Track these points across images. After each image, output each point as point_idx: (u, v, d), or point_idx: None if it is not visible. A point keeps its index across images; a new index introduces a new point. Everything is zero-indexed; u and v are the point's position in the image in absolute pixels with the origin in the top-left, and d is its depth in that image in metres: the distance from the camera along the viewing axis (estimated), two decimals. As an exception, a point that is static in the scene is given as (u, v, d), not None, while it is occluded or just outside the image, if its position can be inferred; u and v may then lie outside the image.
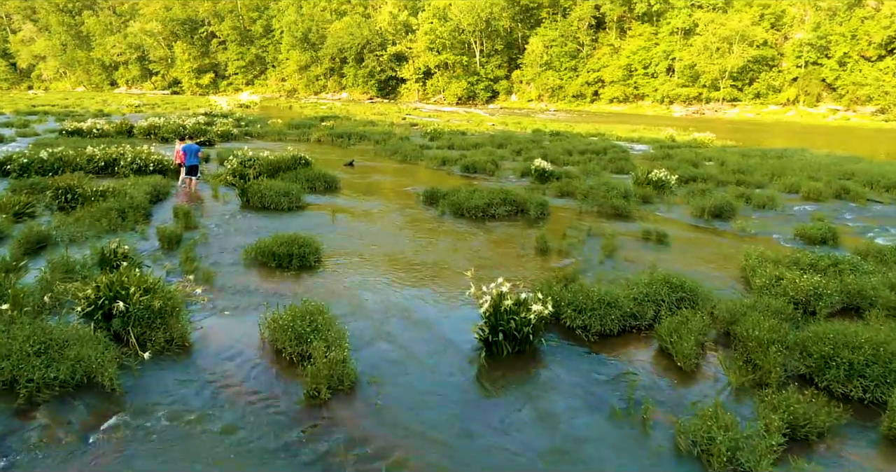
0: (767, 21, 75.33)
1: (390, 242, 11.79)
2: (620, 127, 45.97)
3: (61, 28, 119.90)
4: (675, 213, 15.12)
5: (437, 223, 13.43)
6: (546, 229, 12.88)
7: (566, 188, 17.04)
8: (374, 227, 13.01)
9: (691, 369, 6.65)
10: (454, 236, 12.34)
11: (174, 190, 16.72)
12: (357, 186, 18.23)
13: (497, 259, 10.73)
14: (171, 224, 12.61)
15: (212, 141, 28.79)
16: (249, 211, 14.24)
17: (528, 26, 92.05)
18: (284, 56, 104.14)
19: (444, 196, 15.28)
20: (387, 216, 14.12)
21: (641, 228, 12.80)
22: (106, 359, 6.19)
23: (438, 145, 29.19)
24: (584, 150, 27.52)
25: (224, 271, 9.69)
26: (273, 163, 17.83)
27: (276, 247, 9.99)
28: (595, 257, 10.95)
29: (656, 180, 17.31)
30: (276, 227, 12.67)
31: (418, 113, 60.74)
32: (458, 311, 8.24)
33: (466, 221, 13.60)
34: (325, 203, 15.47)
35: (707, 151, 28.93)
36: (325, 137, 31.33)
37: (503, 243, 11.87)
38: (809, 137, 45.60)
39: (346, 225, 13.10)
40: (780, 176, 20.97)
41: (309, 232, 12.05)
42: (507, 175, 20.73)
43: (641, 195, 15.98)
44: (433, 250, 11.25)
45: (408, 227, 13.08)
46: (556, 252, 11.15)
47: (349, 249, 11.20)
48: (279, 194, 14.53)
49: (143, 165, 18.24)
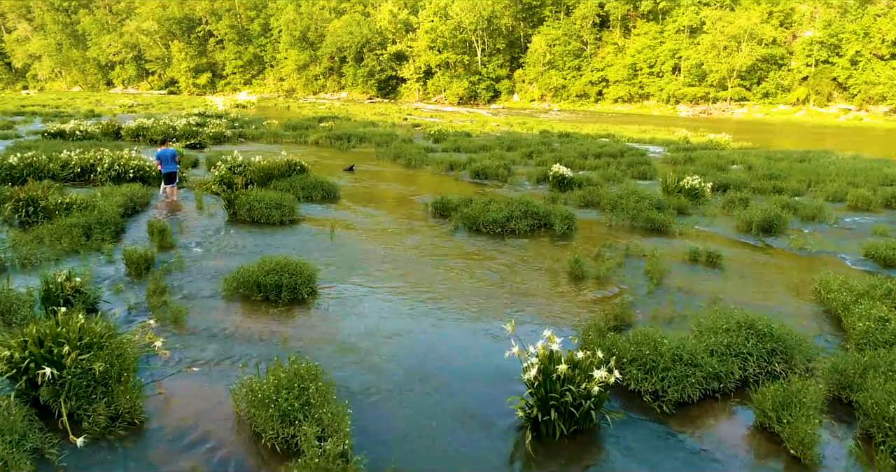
0: (776, 19, 73.62)
1: (397, 266, 10.10)
2: (629, 127, 44.33)
3: (56, 27, 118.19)
4: (717, 226, 13.42)
5: (450, 241, 11.74)
6: (576, 248, 11.21)
7: (590, 197, 15.34)
8: (377, 246, 11.32)
9: (811, 460, 4.96)
10: (472, 257, 10.65)
11: (155, 200, 15.04)
12: (358, 195, 16.55)
13: (526, 288, 9.04)
14: (145, 243, 10.93)
15: (203, 144, 27.10)
16: (237, 225, 12.55)
17: (530, 25, 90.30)
18: (283, 55, 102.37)
19: (455, 208, 13.60)
20: (392, 232, 12.42)
21: (686, 247, 11.12)
22: (20, 451, 4.52)
23: (444, 148, 27.50)
24: (600, 153, 25.82)
25: (199, 307, 8.00)
26: (265, 169, 16.13)
27: (261, 276, 8.31)
28: (641, 284, 9.26)
29: (689, 189, 15.61)
30: (265, 246, 10.98)
31: (420, 113, 59.04)
32: (491, 368, 6.53)
33: (483, 238, 11.91)
34: (323, 216, 13.78)
35: (728, 154, 27.25)
36: (324, 140, 29.64)
37: (530, 266, 10.18)
38: (824, 138, 43.94)
39: (345, 244, 11.40)
40: (817, 182, 19.30)
41: (302, 253, 10.38)
42: (522, 181, 19.04)
43: (675, 206, 14.28)
44: (450, 277, 9.55)
45: (417, 246, 11.39)
46: (593, 279, 9.46)
47: (349, 276, 9.50)
48: (270, 206, 12.84)
49: (122, 171, 16.53)
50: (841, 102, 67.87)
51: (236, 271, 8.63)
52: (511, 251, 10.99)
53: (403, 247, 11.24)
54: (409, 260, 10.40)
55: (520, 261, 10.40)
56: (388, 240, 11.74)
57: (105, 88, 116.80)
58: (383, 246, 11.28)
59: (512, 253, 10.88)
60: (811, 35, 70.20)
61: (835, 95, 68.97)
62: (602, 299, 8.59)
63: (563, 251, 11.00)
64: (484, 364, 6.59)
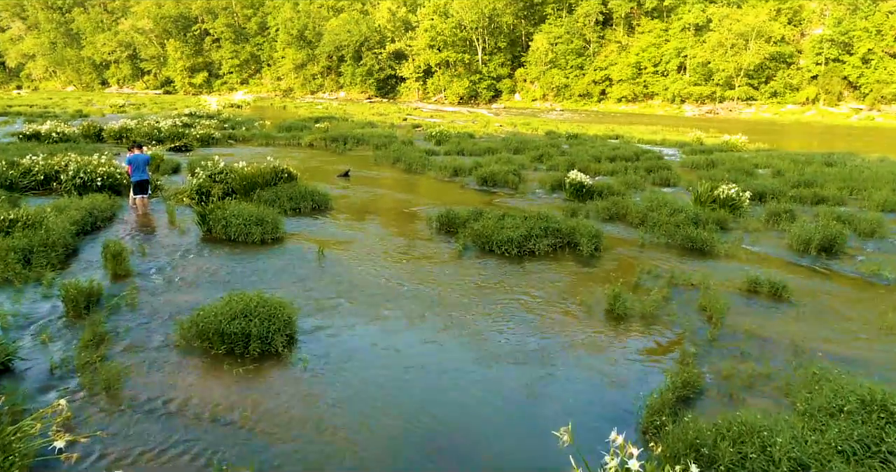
0: (784, 16, 71.84)
1: (396, 302, 8.34)
2: (636, 128, 42.56)
3: (50, 26, 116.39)
4: (766, 245, 11.66)
5: (458, 265, 9.97)
6: (609, 274, 9.45)
7: (615, 209, 13.57)
8: (372, 273, 9.55)
9: None
10: (486, 288, 8.89)
11: (124, 213, 13.28)
12: (353, 206, 14.78)
13: (560, 335, 7.28)
14: (97, 270, 9.17)
15: (189, 146, 25.33)
16: (211, 245, 10.79)
17: (532, 23, 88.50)
18: (280, 54, 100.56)
19: (464, 223, 11.83)
20: (390, 255, 10.64)
21: (739, 273, 9.36)
22: None
23: (446, 151, 25.74)
24: (613, 156, 24.07)
25: (143, 365, 6.24)
26: (248, 177, 14.36)
27: (225, 321, 6.54)
28: (699, 325, 7.51)
29: (725, 199, 13.85)
30: (240, 273, 9.22)
31: (420, 113, 57.25)
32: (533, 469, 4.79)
33: (498, 261, 10.15)
34: (311, 232, 12.01)
35: (750, 157, 25.50)
36: (319, 141, 27.87)
37: (559, 300, 8.42)
38: (839, 139, 42.21)
39: (335, 269, 9.63)
40: (857, 189, 17.56)
41: (283, 284, 8.62)
42: (534, 189, 17.26)
43: (714, 220, 12.51)
44: (461, 321, 7.78)
45: (419, 273, 9.61)
46: (639, 318, 7.71)
47: (337, 317, 7.74)
48: (250, 222, 11.07)
49: (89, 179, 14.75)
50: (852, 101, 66.13)
51: (195, 313, 6.86)
52: (533, 280, 9.22)
53: (403, 274, 9.47)
54: (410, 294, 8.63)
55: (545, 294, 8.64)
56: (385, 265, 9.97)
57: (100, 88, 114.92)
58: (379, 273, 9.52)
59: (534, 282, 9.11)
60: (821, 33, 68.45)
61: (845, 94, 67.23)
62: (656, 350, 6.84)
63: (596, 280, 9.24)
64: (519, 462, 4.83)
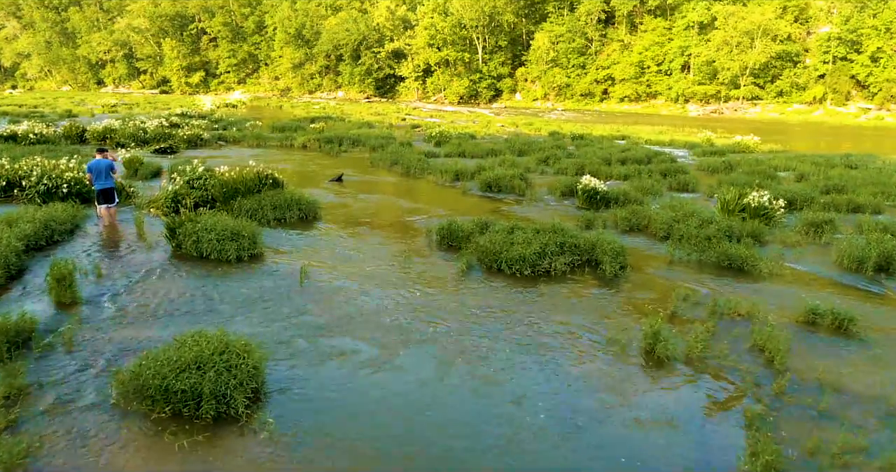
0: (791, 14, 70.44)
1: (385, 341, 6.97)
2: (642, 128, 41.19)
3: (45, 24, 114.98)
4: (811, 262, 10.27)
5: (463, 290, 8.60)
6: (638, 300, 8.09)
7: (635, 219, 12.20)
8: (362, 300, 8.18)
9: None
10: (496, 320, 7.52)
11: (91, 223, 11.92)
12: (344, 215, 13.41)
13: (594, 391, 5.92)
14: (39, 298, 7.81)
15: (174, 148, 23.94)
16: (179, 264, 9.43)
17: (533, 21, 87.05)
18: (277, 54, 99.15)
19: (468, 237, 10.47)
20: (383, 276, 9.26)
21: (789, 299, 8.01)
22: None
23: (446, 152, 24.36)
24: (624, 158, 22.70)
25: (62, 435, 4.88)
26: (229, 184, 12.98)
27: (172, 375, 5.17)
28: (758, 372, 6.14)
29: (756, 207, 12.49)
30: (207, 300, 7.84)
31: (419, 113, 55.84)
32: None
33: (507, 283, 8.78)
34: (295, 247, 10.63)
35: (767, 159, 24.14)
36: (312, 143, 26.47)
37: (585, 337, 7.05)
38: (849, 139, 40.93)
39: (318, 295, 8.26)
40: (892, 195, 16.21)
41: (254, 317, 7.25)
42: (543, 195, 15.87)
43: (749, 232, 11.14)
44: (466, 366, 6.42)
45: (417, 301, 8.24)
46: (684, 363, 6.35)
47: (316, 365, 6.38)
48: (224, 238, 9.69)
49: (55, 186, 13.39)
50: (860, 100, 64.75)
51: (138, 362, 5.49)
52: (551, 309, 7.85)
53: (398, 303, 8.09)
54: (404, 328, 7.25)
55: (567, 328, 7.27)
56: (376, 290, 8.60)
57: (96, 88, 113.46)
58: (370, 300, 8.15)
59: (553, 312, 7.74)
60: (828, 31, 67.06)
61: (853, 93, 65.86)
62: (713, 409, 5.47)
63: (624, 308, 7.87)
64: None
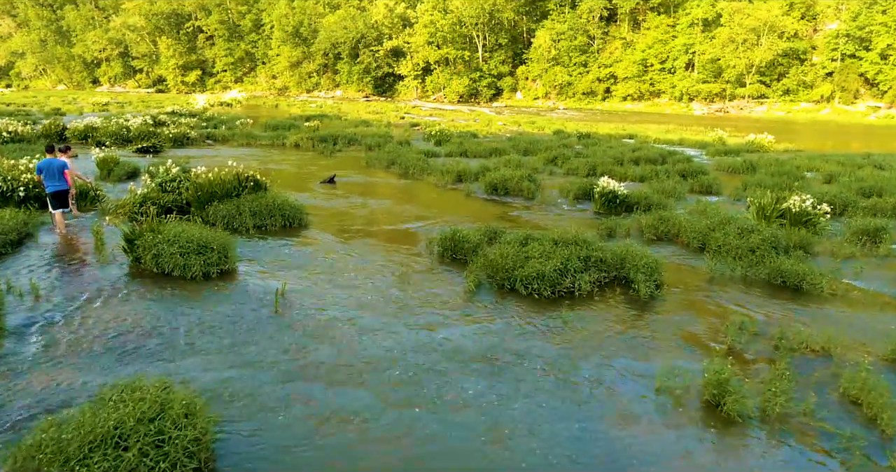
0: (798, 11, 69.02)
1: (380, 391, 5.55)
2: (648, 127, 39.74)
3: (40, 22, 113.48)
4: (874, 279, 8.82)
5: (471, 316, 7.17)
6: (684, 329, 6.67)
7: (663, 227, 10.78)
8: (347, 332, 6.75)
9: None
10: (515, 359, 6.09)
11: (44, 234, 10.49)
12: (334, 222, 11.99)
13: (646, 463, 4.51)
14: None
15: (158, 147, 22.49)
16: (136, 282, 8.00)
17: (533, 19, 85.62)
18: (275, 52, 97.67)
19: (474, 249, 9.04)
20: (375, 299, 7.82)
21: (871, 330, 6.59)
22: None
23: (447, 152, 22.93)
24: (636, 158, 21.29)
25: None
26: (204, 187, 11.54)
27: (77, 459, 3.74)
28: (860, 434, 4.74)
29: (798, 213, 11.07)
30: (154, 335, 6.41)
31: (418, 112, 54.39)
32: None
33: (523, 307, 7.36)
34: (274, 261, 9.19)
35: (787, 158, 22.71)
36: (305, 142, 25.02)
37: (627, 382, 5.63)
38: (860, 138, 39.56)
39: (294, 327, 6.81)
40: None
41: (209, 358, 5.82)
42: (554, 198, 14.42)
43: (797, 243, 9.72)
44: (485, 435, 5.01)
45: (415, 332, 6.82)
46: (758, 420, 4.93)
47: (280, 430, 4.96)
48: (189, 251, 8.27)
49: (10, 188, 11.96)
50: (869, 99, 63.35)
51: (37, 435, 4.06)
52: (582, 344, 6.41)
53: (391, 335, 6.65)
54: (396, 376, 5.83)
55: (603, 371, 5.83)
56: (368, 317, 7.15)
57: (91, 87, 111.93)
58: (357, 332, 6.71)
59: (583, 347, 6.30)
60: (836, 28, 65.68)
61: (862, 91, 64.46)
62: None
63: (669, 340, 6.44)
64: None
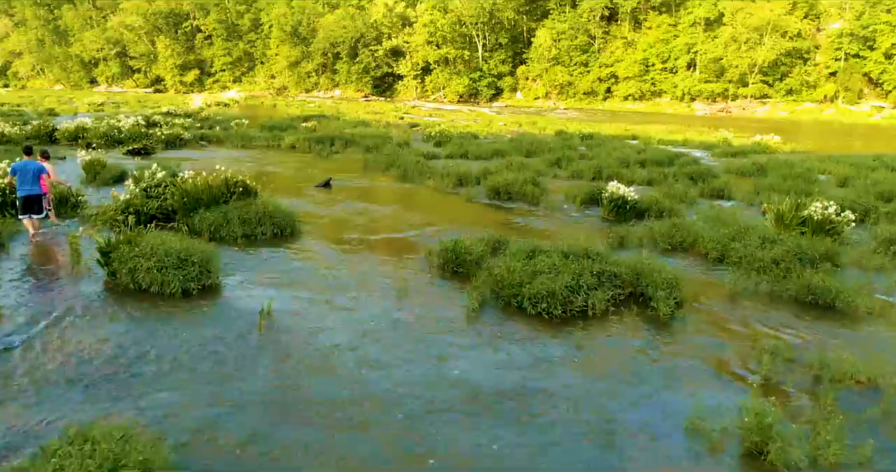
0: (801, 10, 68.32)
1: (372, 438, 4.89)
2: (651, 127, 39.00)
3: (38, 22, 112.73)
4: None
5: (475, 340, 6.51)
6: (711, 355, 6.01)
7: (677, 235, 10.12)
8: (339, 362, 6.10)
9: None
10: (524, 392, 5.43)
11: (17, 243, 9.84)
12: (328, 230, 11.33)
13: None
14: None
15: (149, 149, 21.80)
16: (110, 300, 7.34)
17: (534, 18, 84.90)
18: (273, 52, 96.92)
19: (477, 261, 8.39)
20: (371, 322, 7.13)
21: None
22: None
23: (448, 154, 22.27)
24: (643, 160, 20.63)
25: None
26: (190, 193, 10.88)
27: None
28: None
29: (821, 221, 10.42)
30: (120, 366, 5.74)
31: (418, 112, 53.71)
32: None
33: (532, 329, 6.69)
34: (262, 274, 8.51)
35: (797, 160, 22.04)
36: (302, 143, 24.35)
37: (651, 423, 4.98)
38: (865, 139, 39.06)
39: (279, 356, 6.16)
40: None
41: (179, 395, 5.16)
42: (560, 204, 13.74)
43: (823, 255, 9.07)
44: None
45: (414, 360, 6.16)
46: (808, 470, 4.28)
47: None
48: (167, 265, 7.60)
49: (-15, 194, 11.33)
50: (873, 99, 62.70)
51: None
52: (598, 371, 5.75)
53: (394, 366, 6.00)
54: (404, 421, 5.18)
55: (629, 409, 5.19)
56: (363, 342, 6.49)
57: (89, 87, 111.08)
58: (357, 363, 6.06)
59: (601, 376, 5.65)
60: (839, 27, 65.03)
61: (866, 91, 63.81)
62: None
63: (697, 372, 5.79)
64: None
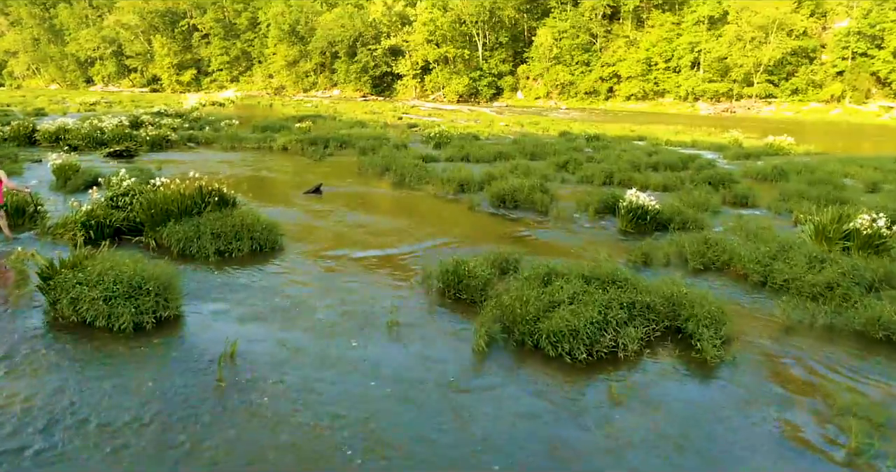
0: (807, 8, 67.12)
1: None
2: (656, 128, 37.77)
3: (33, 21, 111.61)
4: None
5: (492, 398, 5.32)
6: (777, 412, 4.81)
7: (709, 253, 8.91)
8: (324, 437, 4.91)
9: None
10: None
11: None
12: (314, 245, 10.12)
13: None
14: None
15: (133, 151, 20.59)
16: (47, 338, 6.13)
17: (535, 17, 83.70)
18: (271, 51, 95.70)
19: (482, 287, 7.19)
20: (359, 371, 5.96)
21: None
22: None
23: (448, 156, 21.06)
24: (655, 163, 19.45)
25: None
26: (158, 203, 9.67)
27: None
28: None
29: (870, 236, 9.22)
30: (40, 430, 4.52)
31: (417, 112, 52.49)
32: None
33: (555, 379, 5.49)
34: (233, 302, 7.29)
35: (817, 163, 20.84)
36: (294, 145, 23.14)
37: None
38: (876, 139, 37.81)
39: (247, 420, 4.98)
40: None
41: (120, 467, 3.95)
42: (571, 213, 12.54)
43: (882, 277, 7.88)
44: None
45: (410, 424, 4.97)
46: None
47: None
48: (117, 295, 6.40)
49: (-69, 205, 10.12)
50: (881, 98, 61.48)
51: None
52: (646, 440, 4.56)
53: (373, 437, 4.81)
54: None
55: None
56: (351, 400, 5.31)
57: (85, 86, 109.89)
58: (324, 426, 4.87)
59: (652, 452, 4.47)
60: (846, 25, 63.83)
61: (874, 91, 62.61)
62: None
63: (765, 441, 4.60)
64: None
